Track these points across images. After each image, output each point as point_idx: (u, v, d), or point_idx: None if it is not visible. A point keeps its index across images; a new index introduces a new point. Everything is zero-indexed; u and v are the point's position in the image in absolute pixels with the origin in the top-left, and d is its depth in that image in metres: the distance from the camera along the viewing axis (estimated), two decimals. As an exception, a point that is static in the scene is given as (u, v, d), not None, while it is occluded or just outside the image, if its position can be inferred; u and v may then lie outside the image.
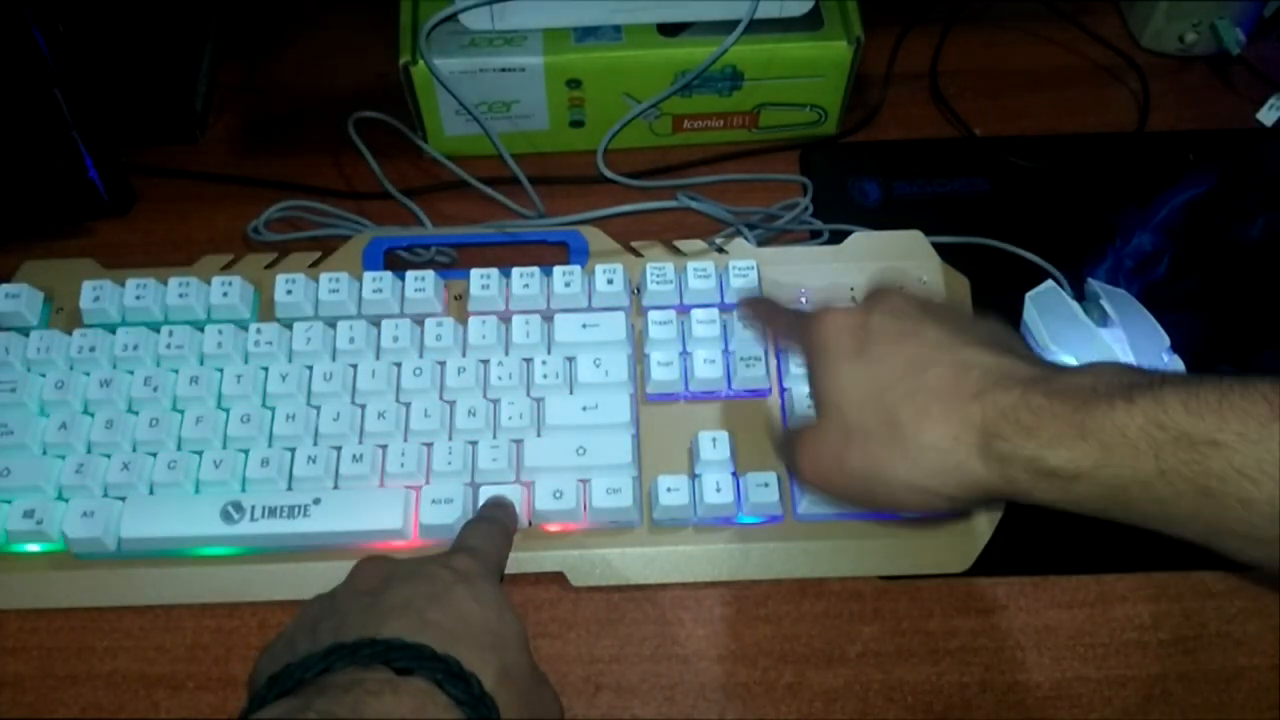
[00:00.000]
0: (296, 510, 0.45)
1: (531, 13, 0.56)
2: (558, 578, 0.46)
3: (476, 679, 0.32)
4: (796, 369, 0.48)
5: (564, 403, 0.48)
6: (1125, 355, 0.50)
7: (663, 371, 0.48)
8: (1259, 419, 0.32)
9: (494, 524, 0.44)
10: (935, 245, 0.53)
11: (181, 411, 0.48)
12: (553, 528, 0.46)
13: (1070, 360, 0.50)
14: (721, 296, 0.51)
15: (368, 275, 0.51)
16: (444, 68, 0.55)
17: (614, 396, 0.48)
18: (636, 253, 0.53)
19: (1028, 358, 0.39)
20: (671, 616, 0.46)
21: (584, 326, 0.50)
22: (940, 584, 0.46)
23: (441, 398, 0.48)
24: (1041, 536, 0.47)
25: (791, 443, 0.42)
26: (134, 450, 0.47)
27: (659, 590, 0.46)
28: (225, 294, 0.51)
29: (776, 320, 0.47)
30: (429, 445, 0.47)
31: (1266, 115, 0.62)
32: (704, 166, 0.61)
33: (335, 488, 0.46)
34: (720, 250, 0.53)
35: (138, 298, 0.51)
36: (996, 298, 0.52)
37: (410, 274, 0.51)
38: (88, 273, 0.53)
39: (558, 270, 0.51)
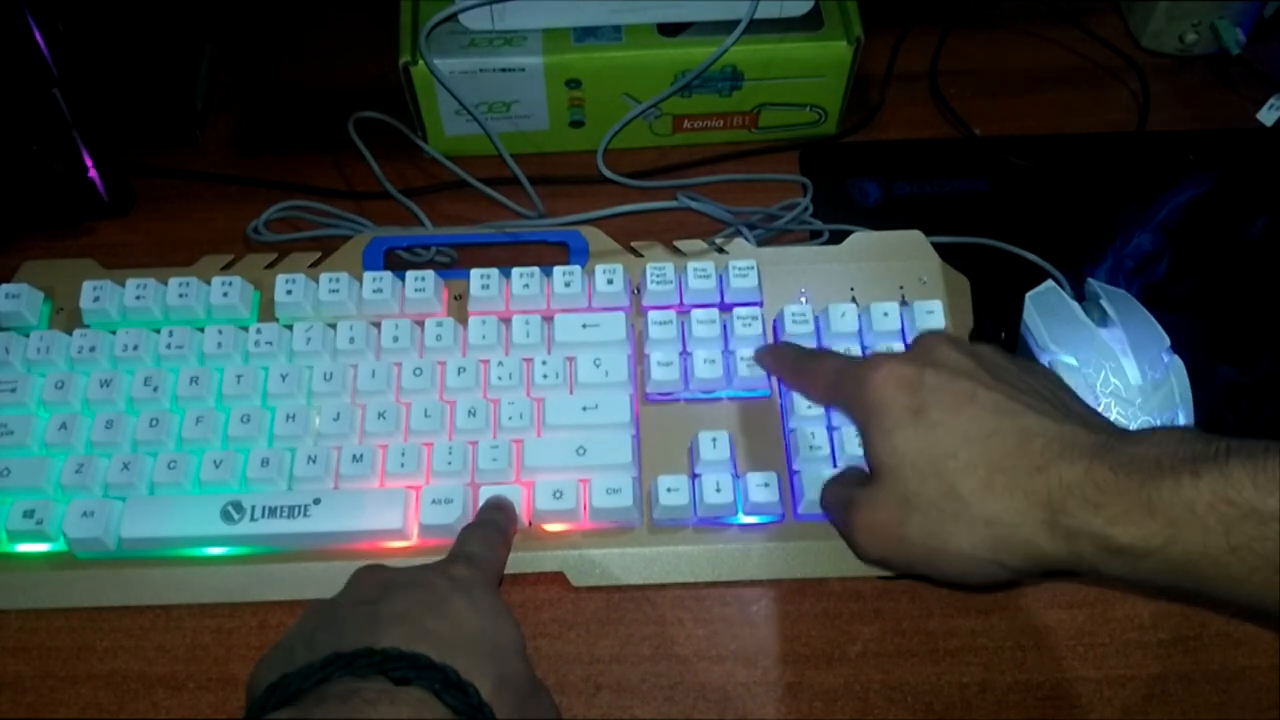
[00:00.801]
0: (296, 510, 0.45)
1: (531, 13, 0.56)
2: (558, 578, 0.46)
3: (474, 688, 0.32)
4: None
5: (564, 402, 0.48)
6: (1125, 355, 0.50)
7: (663, 371, 0.48)
8: None
9: (492, 528, 0.44)
10: (935, 245, 0.53)
11: (181, 411, 0.48)
12: (553, 528, 0.46)
13: (1071, 361, 0.50)
14: (721, 296, 0.51)
15: (368, 275, 0.51)
16: (444, 68, 0.55)
17: (614, 396, 0.48)
18: (636, 253, 0.53)
19: (1090, 422, 0.38)
20: (671, 616, 0.46)
21: (584, 326, 0.50)
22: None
23: (441, 397, 0.48)
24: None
25: (846, 507, 0.41)
26: (134, 450, 0.47)
27: (659, 590, 0.46)
28: (225, 294, 0.51)
29: (811, 374, 0.45)
30: (428, 445, 0.47)
31: (1266, 115, 0.62)
32: (704, 166, 0.61)
33: (335, 488, 0.46)
34: (720, 250, 0.53)
35: (138, 298, 0.51)
36: (996, 298, 0.52)
37: (410, 274, 0.51)
38: (88, 273, 0.53)
39: (558, 270, 0.51)
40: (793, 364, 0.47)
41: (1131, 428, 0.40)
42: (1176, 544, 0.33)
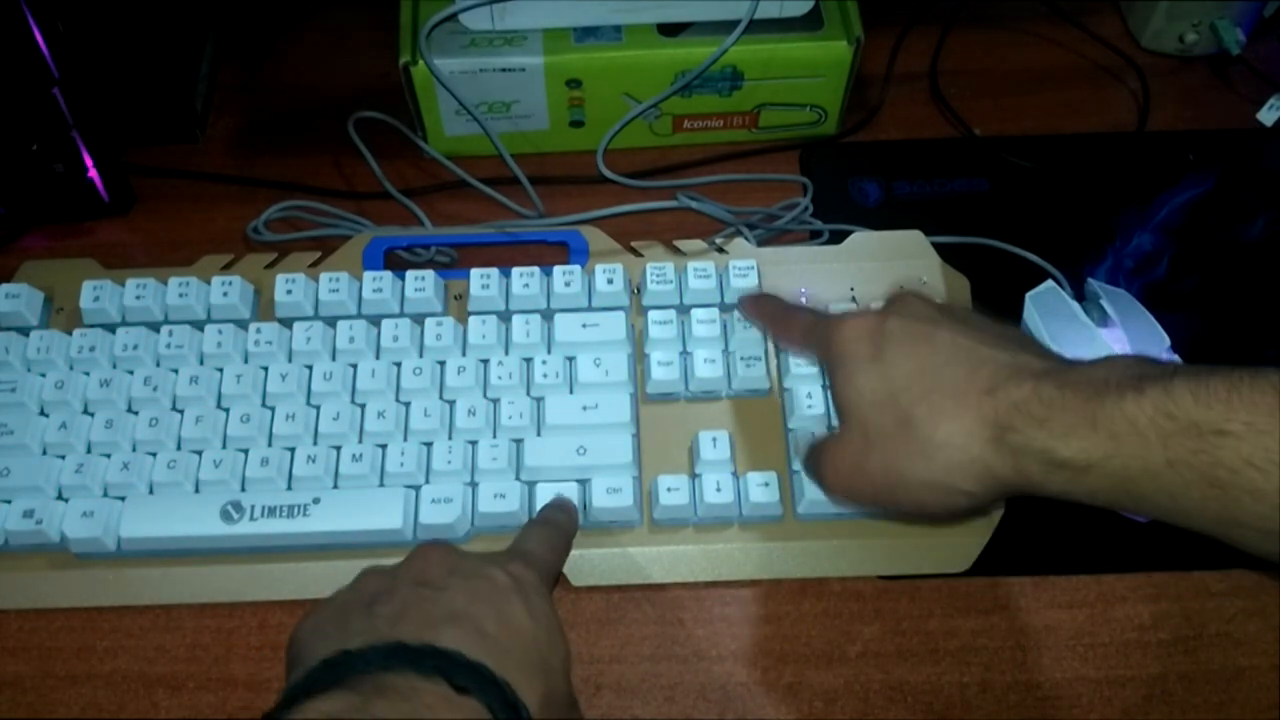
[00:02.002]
0: (296, 510, 0.45)
1: (531, 13, 0.56)
2: (558, 578, 0.46)
3: (525, 708, 0.32)
4: (796, 369, 0.48)
5: (564, 402, 0.48)
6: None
7: (663, 371, 0.48)
8: (1267, 409, 0.32)
9: (554, 528, 0.43)
10: (935, 245, 0.53)
11: (181, 411, 0.48)
12: (553, 528, 0.46)
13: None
14: (721, 296, 0.51)
15: (368, 275, 0.51)
16: (444, 68, 0.55)
17: (614, 396, 0.48)
18: (636, 253, 0.53)
19: (1043, 354, 0.39)
20: (671, 616, 0.46)
21: (584, 326, 0.50)
22: (940, 584, 0.46)
23: (441, 397, 0.48)
24: (1041, 536, 0.47)
25: (816, 453, 0.42)
26: (134, 450, 0.47)
27: (659, 590, 0.46)
28: (225, 294, 0.51)
29: (788, 325, 0.47)
30: (429, 445, 0.47)
31: (1266, 115, 0.62)
32: (704, 166, 0.61)
33: (335, 487, 0.46)
34: (720, 250, 0.53)
35: (138, 298, 0.51)
36: (996, 298, 0.52)
37: (410, 274, 0.51)
38: (88, 273, 0.53)
39: (558, 270, 0.51)
40: (772, 314, 0.48)
41: None
42: (1116, 458, 0.34)
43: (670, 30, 0.57)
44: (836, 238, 0.54)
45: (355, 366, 0.49)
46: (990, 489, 0.38)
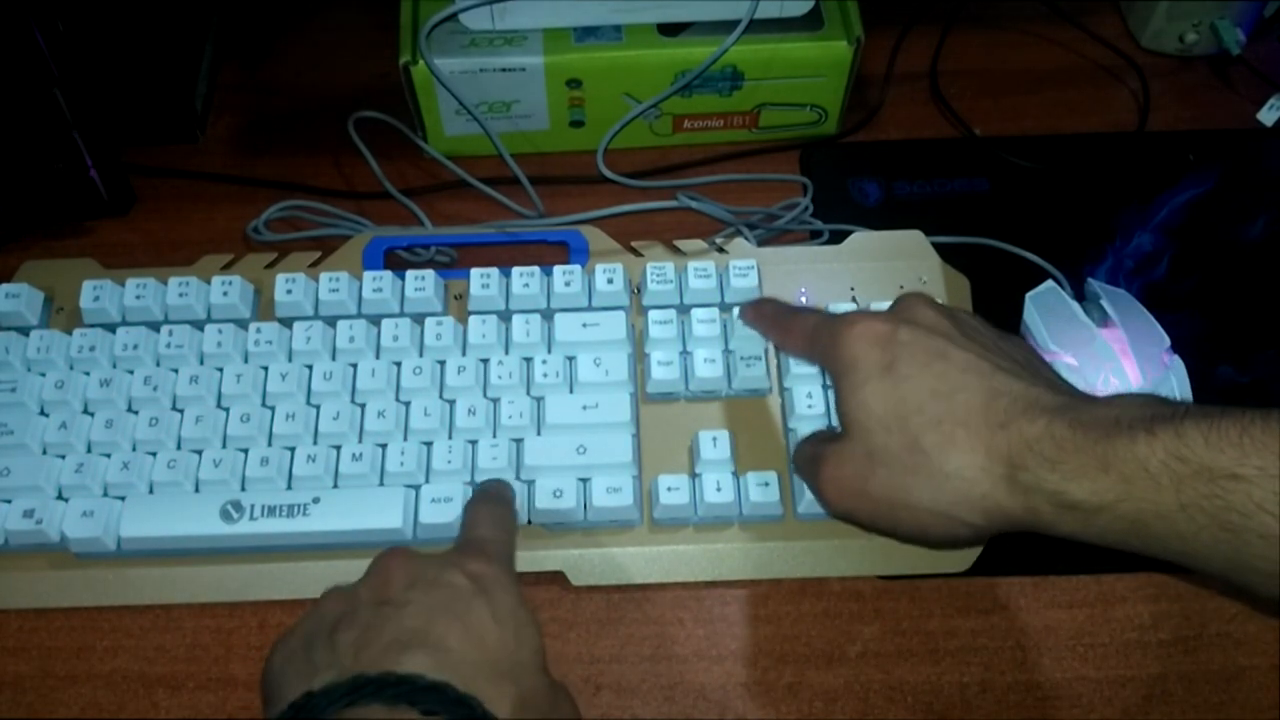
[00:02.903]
0: (296, 509, 0.45)
1: (531, 13, 0.56)
2: (558, 578, 0.46)
3: None
4: (796, 369, 0.48)
5: (564, 402, 0.48)
6: (1125, 355, 0.50)
7: (663, 371, 0.48)
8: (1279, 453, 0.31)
9: (496, 503, 0.42)
10: (935, 245, 0.53)
11: (181, 411, 0.48)
12: (553, 527, 0.46)
13: (1070, 361, 0.50)
14: (722, 296, 0.51)
15: (368, 275, 0.51)
16: (444, 68, 0.55)
17: (614, 396, 0.48)
18: (636, 252, 0.53)
19: (1056, 385, 0.38)
20: (671, 616, 0.46)
21: (584, 326, 0.50)
22: (940, 584, 0.46)
23: (441, 397, 0.48)
24: (1041, 536, 0.46)
25: (813, 461, 0.41)
26: (134, 450, 0.47)
27: (659, 590, 0.46)
28: (225, 294, 0.51)
29: (790, 328, 0.46)
30: (429, 444, 0.47)
31: (1266, 115, 0.62)
32: (704, 166, 0.61)
33: (335, 487, 0.46)
34: (720, 250, 0.53)
35: (138, 298, 0.51)
36: (996, 298, 0.52)
37: (410, 273, 0.51)
38: (88, 273, 0.53)
39: (558, 270, 0.51)
40: (773, 319, 0.47)
41: None
42: (1128, 501, 0.34)
43: (670, 30, 0.57)
44: (836, 238, 0.54)
45: (355, 366, 0.49)
46: (997, 524, 0.37)
